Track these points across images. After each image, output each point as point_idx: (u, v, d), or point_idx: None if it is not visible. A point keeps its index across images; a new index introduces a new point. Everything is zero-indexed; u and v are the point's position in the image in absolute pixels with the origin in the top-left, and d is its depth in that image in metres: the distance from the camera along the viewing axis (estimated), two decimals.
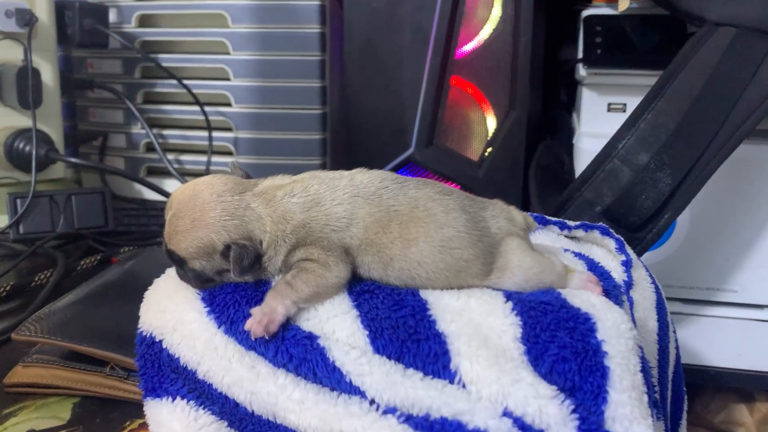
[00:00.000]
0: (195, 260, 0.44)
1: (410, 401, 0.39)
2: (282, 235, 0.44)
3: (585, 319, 0.41)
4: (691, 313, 1.04)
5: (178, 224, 0.44)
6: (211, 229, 0.43)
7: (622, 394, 0.39)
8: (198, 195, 0.44)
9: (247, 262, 0.43)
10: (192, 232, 0.43)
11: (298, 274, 0.43)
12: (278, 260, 0.44)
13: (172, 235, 0.44)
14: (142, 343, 0.46)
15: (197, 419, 0.41)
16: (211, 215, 0.43)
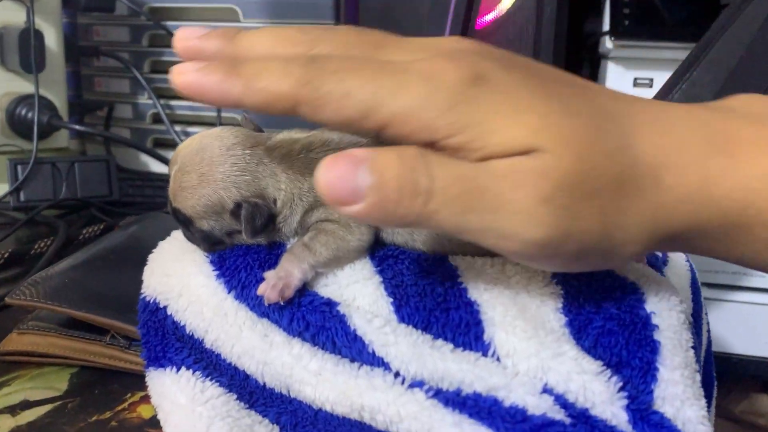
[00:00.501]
0: (203, 220, 0.40)
1: (439, 374, 0.35)
2: (299, 192, 0.40)
3: (633, 289, 0.38)
4: (716, 298, 1.00)
5: (184, 180, 0.40)
6: (220, 186, 0.39)
7: (674, 371, 0.36)
8: (206, 148, 0.40)
9: (260, 222, 0.39)
10: (199, 189, 0.40)
11: (316, 235, 0.39)
12: (294, 221, 0.40)
13: (177, 191, 0.41)
14: (146, 310, 0.42)
15: (204, 391, 0.38)
16: (221, 170, 0.39)
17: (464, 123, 0.30)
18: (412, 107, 0.30)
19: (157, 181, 0.95)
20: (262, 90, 0.31)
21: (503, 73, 0.32)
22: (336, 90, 0.30)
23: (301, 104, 0.31)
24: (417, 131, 0.30)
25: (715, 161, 0.32)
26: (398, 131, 0.31)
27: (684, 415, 0.35)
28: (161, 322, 0.41)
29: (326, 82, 0.31)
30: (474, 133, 0.30)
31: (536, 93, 0.31)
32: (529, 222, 0.30)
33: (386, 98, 0.30)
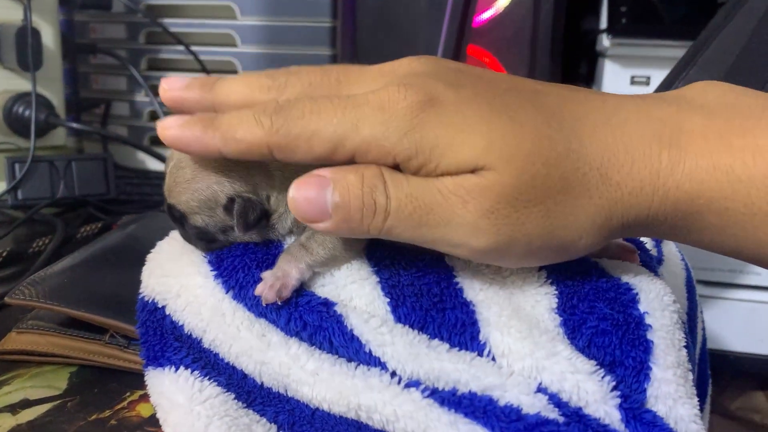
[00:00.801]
0: (196, 215, 0.41)
1: (435, 374, 0.35)
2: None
3: (626, 290, 0.38)
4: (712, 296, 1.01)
5: (179, 175, 0.40)
6: (213, 180, 0.40)
7: (667, 371, 0.36)
8: None
9: (253, 217, 0.39)
10: (193, 183, 0.40)
11: (313, 235, 0.39)
12: (289, 218, 0.41)
13: (172, 187, 0.41)
14: (144, 309, 0.42)
15: (202, 390, 0.38)
16: (214, 165, 0.40)
17: (418, 147, 0.34)
18: (372, 138, 0.34)
19: (154, 179, 0.95)
20: (239, 141, 0.35)
21: (452, 92, 0.35)
22: (303, 133, 0.34)
23: (275, 150, 0.35)
24: (380, 158, 0.34)
25: (666, 154, 0.34)
26: (364, 159, 0.35)
27: (676, 414, 0.36)
28: (160, 322, 0.42)
29: (294, 127, 0.34)
30: (427, 156, 0.34)
31: (483, 111, 0.34)
32: (474, 233, 0.34)
33: (349, 133, 0.34)
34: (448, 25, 0.94)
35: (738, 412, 1.11)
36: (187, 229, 0.42)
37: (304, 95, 0.37)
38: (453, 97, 0.34)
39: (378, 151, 0.34)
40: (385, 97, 0.34)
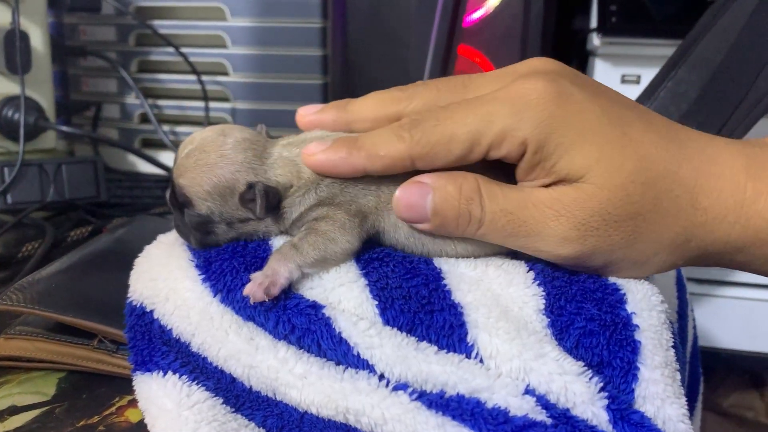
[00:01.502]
0: (205, 202, 0.40)
1: (423, 377, 0.35)
2: (318, 183, 0.41)
3: (614, 290, 0.38)
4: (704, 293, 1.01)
5: (201, 158, 0.41)
6: (236, 168, 0.40)
7: (654, 371, 0.36)
8: (228, 135, 0.42)
9: (274, 201, 0.40)
10: (216, 168, 0.40)
11: (306, 235, 0.39)
12: (298, 210, 0.41)
13: (189, 168, 0.41)
14: (132, 314, 0.42)
15: (190, 395, 0.38)
16: (241, 157, 0.41)
17: (547, 140, 0.36)
18: (506, 130, 0.36)
19: (145, 182, 0.95)
20: (383, 157, 0.38)
21: (577, 90, 0.37)
22: (441, 139, 0.37)
23: (417, 160, 0.38)
24: (512, 150, 0.36)
25: (750, 185, 0.37)
26: (498, 153, 0.37)
27: (664, 414, 0.36)
28: (148, 326, 0.42)
29: (432, 135, 0.37)
30: (551, 151, 0.36)
31: (601, 118, 0.36)
32: (562, 243, 0.37)
33: (484, 129, 0.36)
34: (439, 25, 0.94)
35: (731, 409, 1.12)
36: (186, 216, 0.42)
37: (432, 102, 0.40)
38: (579, 96, 0.37)
39: (511, 142, 0.36)
40: (515, 91, 0.36)
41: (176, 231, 0.44)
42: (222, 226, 0.41)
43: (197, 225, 0.41)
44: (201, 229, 0.41)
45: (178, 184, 0.41)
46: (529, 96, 0.36)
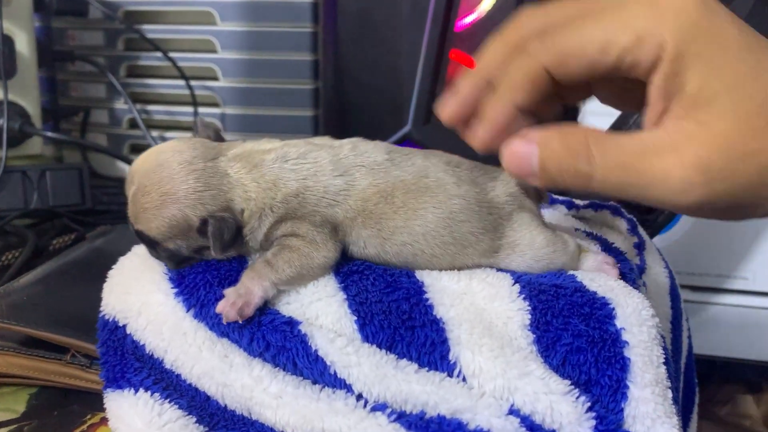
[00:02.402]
0: (168, 240, 0.39)
1: (403, 397, 0.34)
2: (270, 203, 0.39)
3: (602, 305, 0.37)
4: (700, 301, 1.00)
5: (145, 201, 0.39)
6: (184, 204, 0.38)
7: (644, 389, 0.35)
8: (164, 165, 0.39)
9: (228, 237, 0.38)
10: (162, 209, 0.38)
11: (280, 252, 0.38)
12: (261, 233, 0.39)
13: (138, 213, 0.39)
14: (105, 328, 0.41)
15: (161, 414, 0.37)
16: (183, 188, 0.38)
17: (683, 52, 0.33)
18: (645, 31, 0.33)
19: None
20: (519, 85, 0.36)
21: (720, 7, 0.34)
22: (573, 40, 0.34)
23: (552, 68, 0.35)
24: (649, 56, 0.33)
25: None
26: (630, 59, 0.34)
27: None
28: (120, 342, 0.40)
29: (562, 40, 0.35)
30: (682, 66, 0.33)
31: (742, 42, 0.33)
32: (685, 190, 0.33)
33: (621, 29, 0.34)
34: (430, 29, 0.92)
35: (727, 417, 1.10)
36: (158, 251, 0.40)
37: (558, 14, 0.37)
38: (722, 12, 0.34)
39: (650, 44, 0.33)
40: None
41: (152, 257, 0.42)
42: (194, 254, 0.40)
43: (170, 257, 0.40)
44: (175, 260, 0.40)
45: (136, 230, 0.40)
46: (673, 2, 0.33)
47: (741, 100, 0.33)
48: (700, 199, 0.34)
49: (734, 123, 0.33)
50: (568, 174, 0.35)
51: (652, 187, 0.34)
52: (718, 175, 0.33)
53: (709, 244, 0.97)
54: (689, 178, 0.33)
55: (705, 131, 0.33)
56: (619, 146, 0.35)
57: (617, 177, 0.34)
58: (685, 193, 0.33)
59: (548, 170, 0.35)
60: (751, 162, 0.33)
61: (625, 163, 0.34)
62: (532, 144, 0.36)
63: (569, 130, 0.35)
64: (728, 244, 0.96)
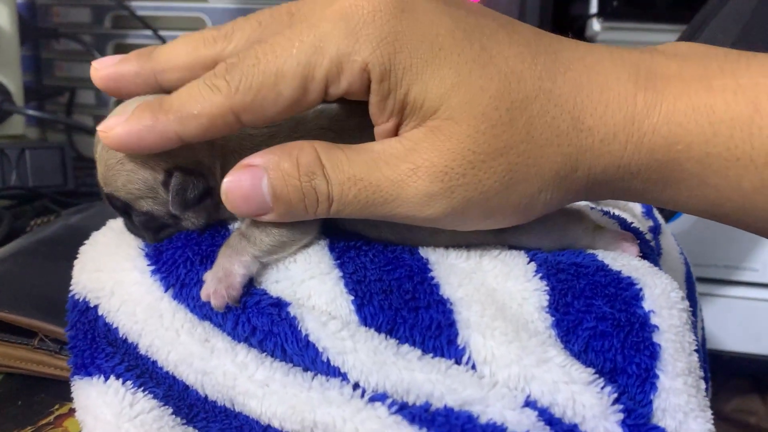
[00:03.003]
0: (140, 200, 0.35)
1: (405, 386, 0.30)
2: (238, 153, 0.34)
3: (628, 285, 0.33)
4: (707, 293, 0.97)
5: (109, 157, 0.35)
6: (144, 157, 0.34)
7: (676, 379, 0.31)
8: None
9: (192, 194, 0.34)
10: (126, 163, 0.34)
11: (255, 221, 0.34)
12: None
13: (105, 173, 0.35)
14: (74, 309, 0.37)
15: (133, 405, 0.33)
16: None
17: (393, 64, 0.30)
18: (341, 55, 0.30)
19: None
20: (198, 116, 0.30)
21: (423, 1, 0.31)
22: (266, 80, 0.30)
23: (241, 113, 0.31)
24: (354, 80, 0.30)
25: (641, 96, 0.31)
26: (338, 88, 0.30)
27: (687, 429, 0.31)
28: (91, 324, 0.36)
29: (253, 76, 0.30)
30: (399, 77, 0.30)
31: (456, 31, 0.30)
32: (427, 202, 0.30)
33: (314, 58, 0.30)
34: None
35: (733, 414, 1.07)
36: (134, 218, 0.36)
37: (255, 40, 0.32)
38: (424, 6, 0.30)
39: (351, 69, 0.30)
40: (345, 7, 0.30)
41: (128, 231, 0.38)
42: (170, 220, 0.36)
43: (146, 224, 0.36)
44: (151, 227, 0.36)
45: (107, 193, 0.36)
46: (362, 10, 0.30)
47: (472, 96, 0.30)
48: (446, 209, 0.31)
49: (470, 123, 0.30)
50: (309, 197, 0.31)
51: (393, 202, 0.31)
52: (460, 181, 0.30)
53: (717, 234, 0.94)
54: (426, 188, 0.30)
55: (438, 136, 0.30)
56: (348, 157, 0.31)
57: (355, 194, 0.31)
58: (428, 205, 0.31)
59: (283, 197, 0.31)
60: (499, 161, 0.30)
61: (356, 176, 0.31)
62: (259, 170, 0.31)
63: (295, 145, 0.31)
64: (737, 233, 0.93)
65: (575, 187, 0.31)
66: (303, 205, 0.31)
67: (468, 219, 0.32)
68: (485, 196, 0.30)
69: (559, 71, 0.31)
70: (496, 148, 0.30)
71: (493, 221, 0.32)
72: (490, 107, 0.30)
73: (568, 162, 0.31)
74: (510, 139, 0.30)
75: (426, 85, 0.30)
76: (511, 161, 0.30)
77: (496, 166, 0.30)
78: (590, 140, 0.30)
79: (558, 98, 0.30)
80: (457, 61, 0.30)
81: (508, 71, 0.30)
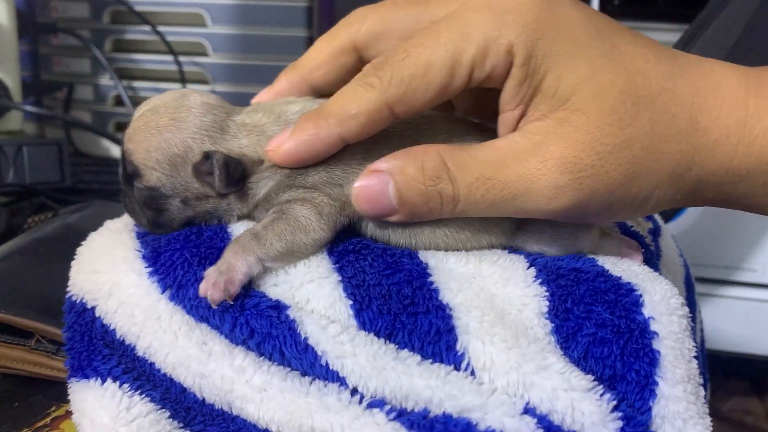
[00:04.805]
0: (154, 171, 0.35)
1: (403, 392, 0.30)
2: None
3: (628, 291, 0.33)
4: (706, 293, 0.97)
5: (152, 119, 0.35)
6: (190, 134, 0.35)
7: (675, 386, 0.31)
8: (188, 96, 0.37)
9: (236, 173, 0.35)
10: (165, 132, 0.35)
11: (272, 223, 0.34)
12: (267, 187, 0.36)
13: (138, 130, 0.36)
14: (71, 311, 0.37)
15: (130, 408, 0.32)
16: (196, 122, 0.35)
17: (535, 49, 0.31)
18: (488, 40, 0.31)
19: (115, 167, 0.89)
20: (357, 116, 0.32)
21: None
22: (416, 70, 0.32)
23: (395, 105, 0.32)
24: (499, 63, 0.31)
25: (752, 102, 0.32)
26: (482, 72, 0.32)
27: None
28: (89, 326, 0.36)
29: (404, 68, 0.32)
30: (539, 63, 0.31)
31: (591, 29, 0.32)
32: (554, 194, 0.31)
33: (462, 46, 0.31)
34: None
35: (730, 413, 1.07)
36: (136, 190, 0.37)
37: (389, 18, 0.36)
38: (564, 1, 0.32)
39: (497, 53, 0.31)
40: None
41: (126, 211, 0.39)
42: (175, 202, 0.36)
43: (147, 200, 0.36)
44: (152, 206, 0.36)
45: (126, 149, 0.36)
46: (508, 1, 0.32)
47: (601, 89, 0.31)
48: (573, 201, 0.32)
49: (598, 115, 0.31)
50: (433, 201, 0.32)
51: (520, 197, 0.32)
52: (588, 172, 0.31)
53: (716, 235, 0.93)
54: (555, 180, 0.31)
55: (567, 128, 0.31)
56: (475, 157, 0.32)
57: (482, 193, 0.32)
58: (556, 198, 0.32)
59: (409, 201, 0.33)
60: (623, 153, 0.31)
61: (485, 176, 0.32)
62: (385, 176, 0.33)
63: (420, 150, 0.33)
64: (737, 233, 0.93)
65: (686, 187, 0.33)
66: (427, 208, 0.33)
67: (586, 212, 0.33)
68: (609, 189, 0.31)
69: (679, 73, 0.32)
70: (622, 140, 0.31)
71: (606, 215, 0.34)
72: (618, 101, 0.31)
73: (684, 159, 0.32)
74: (634, 132, 0.31)
75: (561, 74, 0.31)
76: (635, 154, 0.31)
77: (622, 158, 0.31)
78: (705, 140, 0.32)
79: (678, 98, 0.32)
80: (591, 55, 0.31)
81: (634, 69, 0.31)
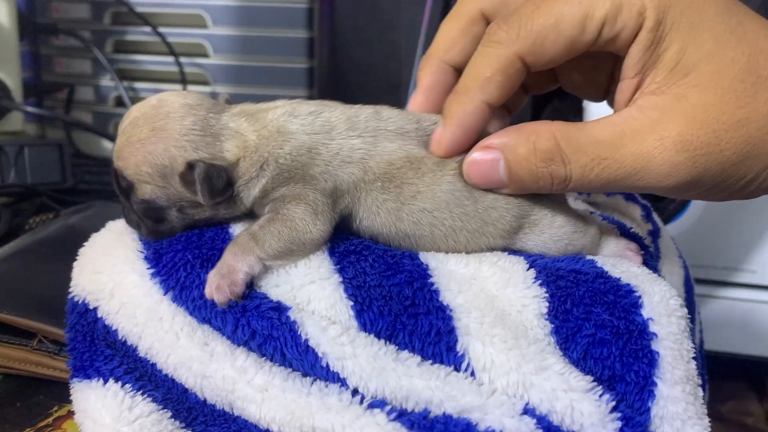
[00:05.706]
0: (146, 185, 0.35)
1: (404, 393, 0.30)
2: (275, 154, 0.35)
3: (627, 292, 0.33)
4: (705, 294, 0.96)
5: (134, 133, 0.35)
6: (173, 142, 0.34)
7: (674, 387, 0.31)
8: (165, 102, 0.36)
9: (219, 184, 0.34)
10: (148, 144, 0.34)
11: (268, 223, 0.34)
12: (257, 187, 0.35)
13: (123, 147, 0.36)
14: (74, 311, 0.37)
15: (132, 408, 0.33)
16: (177, 127, 0.35)
17: (665, 15, 0.31)
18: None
19: None
20: (491, 78, 0.33)
21: None
22: (547, 20, 0.32)
23: (525, 55, 0.33)
24: (628, 23, 0.32)
25: None
26: (611, 32, 0.32)
27: None
28: (91, 326, 0.36)
29: (533, 19, 0.32)
30: (666, 32, 0.31)
31: (720, 4, 0.32)
32: (670, 171, 0.31)
33: (596, 1, 0.31)
34: (432, 6, 0.88)
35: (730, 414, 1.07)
36: (132, 203, 0.37)
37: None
38: None
39: (629, 11, 0.31)
40: None
41: (127, 223, 0.39)
42: (172, 212, 0.36)
43: (145, 212, 0.36)
44: (151, 217, 0.36)
45: (116, 167, 0.36)
46: None
47: (723, 66, 0.31)
48: (686, 179, 0.32)
49: (716, 92, 0.31)
50: (543, 180, 0.33)
51: (635, 176, 0.32)
52: (703, 150, 0.31)
53: (716, 236, 0.93)
54: (672, 158, 0.31)
55: (684, 105, 0.31)
56: (591, 137, 0.32)
57: (597, 173, 0.32)
58: (671, 175, 0.32)
59: (519, 178, 0.33)
60: (739, 132, 0.31)
61: (601, 156, 0.32)
62: (495, 152, 0.33)
63: (533, 129, 0.33)
64: (737, 234, 0.93)
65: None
66: (537, 186, 0.33)
67: (697, 189, 0.33)
68: (722, 167, 0.31)
69: None
70: (738, 119, 0.31)
71: (712, 193, 0.33)
72: (737, 79, 0.31)
73: None
74: (751, 112, 0.31)
75: (686, 45, 0.31)
76: (750, 134, 0.31)
77: (737, 138, 0.31)
78: None
79: None
80: (717, 30, 0.31)
81: (758, 49, 0.31)
